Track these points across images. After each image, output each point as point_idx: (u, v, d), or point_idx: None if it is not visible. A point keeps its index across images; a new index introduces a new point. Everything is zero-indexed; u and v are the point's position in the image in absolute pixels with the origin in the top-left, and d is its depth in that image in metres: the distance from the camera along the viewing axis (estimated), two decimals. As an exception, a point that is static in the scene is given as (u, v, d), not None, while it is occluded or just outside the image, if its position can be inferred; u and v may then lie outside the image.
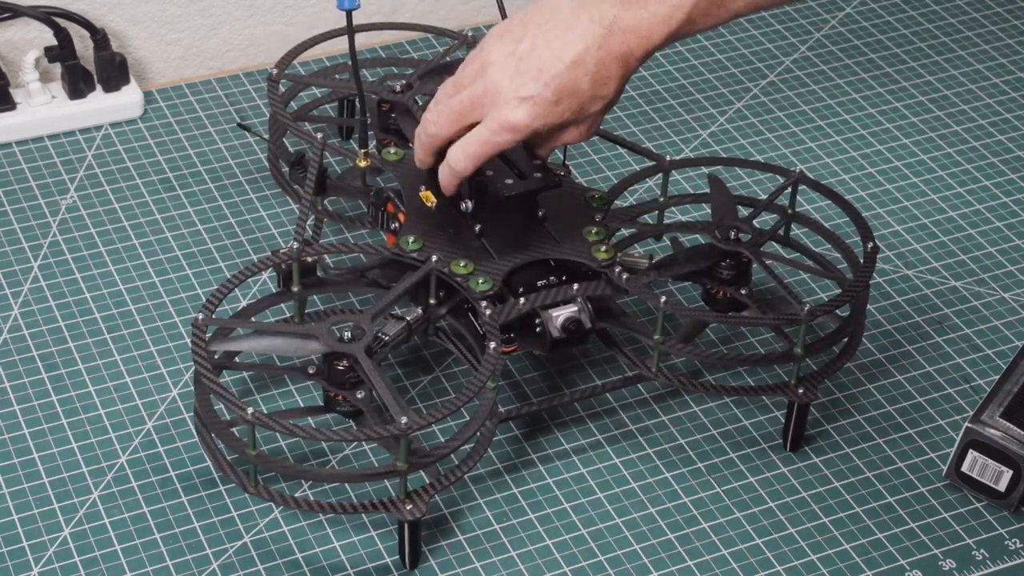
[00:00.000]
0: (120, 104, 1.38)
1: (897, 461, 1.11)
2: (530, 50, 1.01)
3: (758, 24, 1.54)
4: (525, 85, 1.00)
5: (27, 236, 1.26)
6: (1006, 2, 1.59)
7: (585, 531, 1.05)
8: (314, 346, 1.02)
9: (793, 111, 1.43)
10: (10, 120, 1.35)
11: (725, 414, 1.14)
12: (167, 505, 1.06)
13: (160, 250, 1.24)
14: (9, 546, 1.02)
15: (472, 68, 1.04)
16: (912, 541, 1.06)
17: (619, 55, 1.01)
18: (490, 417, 1.02)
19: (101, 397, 1.13)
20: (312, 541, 1.04)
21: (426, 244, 1.08)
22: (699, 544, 1.05)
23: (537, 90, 1.00)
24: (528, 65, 1.01)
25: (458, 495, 1.07)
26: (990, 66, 1.50)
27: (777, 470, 1.10)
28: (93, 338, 1.17)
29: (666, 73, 1.44)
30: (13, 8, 1.34)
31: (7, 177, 1.31)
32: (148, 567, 1.02)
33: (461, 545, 1.04)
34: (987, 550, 1.05)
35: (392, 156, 1.14)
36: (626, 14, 1.00)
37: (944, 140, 1.41)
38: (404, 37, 1.50)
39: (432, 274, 1.05)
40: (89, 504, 1.05)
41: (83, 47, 1.38)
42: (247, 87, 1.42)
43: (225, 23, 1.47)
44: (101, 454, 1.09)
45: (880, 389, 1.17)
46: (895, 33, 1.54)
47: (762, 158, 1.37)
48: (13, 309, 1.19)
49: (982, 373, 1.18)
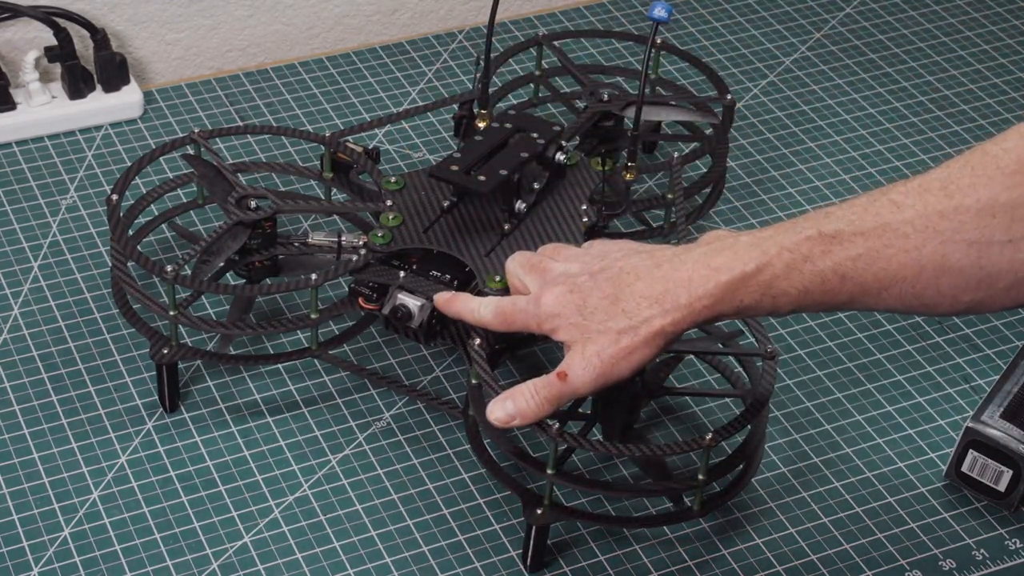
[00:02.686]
0: (120, 104, 1.38)
1: (897, 461, 1.11)
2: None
3: (758, 24, 1.54)
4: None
5: (27, 236, 1.26)
6: (1006, 2, 1.59)
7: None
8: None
9: (793, 111, 1.43)
10: (10, 120, 1.35)
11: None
12: (167, 505, 1.06)
13: (160, 250, 1.24)
14: (9, 546, 1.02)
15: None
16: (912, 541, 1.06)
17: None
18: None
19: (101, 397, 1.13)
20: (312, 541, 1.04)
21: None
22: (699, 544, 1.05)
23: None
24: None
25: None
26: (990, 66, 1.50)
27: (777, 470, 1.10)
28: (93, 338, 1.17)
29: (666, 73, 1.44)
30: (13, 8, 1.34)
31: (7, 177, 1.31)
32: (148, 567, 1.02)
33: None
34: (987, 550, 1.05)
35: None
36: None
37: (944, 140, 1.41)
38: (404, 37, 1.50)
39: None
40: (89, 504, 1.05)
41: (83, 47, 1.38)
42: (247, 87, 1.42)
43: (225, 23, 1.47)
44: (101, 454, 1.09)
45: (880, 389, 1.17)
46: (895, 33, 1.54)
47: (762, 158, 1.37)
48: (13, 309, 1.19)
49: (982, 373, 1.18)
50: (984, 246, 0.84)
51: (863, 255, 0.86)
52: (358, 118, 1.39)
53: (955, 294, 0.86)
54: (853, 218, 0.87)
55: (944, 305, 0.86)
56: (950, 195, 0.85)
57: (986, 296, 0.85)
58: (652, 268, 0.93)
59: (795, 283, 0.88)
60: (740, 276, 0.89)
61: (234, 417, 1.12)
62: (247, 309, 1.13)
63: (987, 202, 0.84)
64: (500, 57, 1.30)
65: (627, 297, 0.93)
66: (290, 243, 1.13)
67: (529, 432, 1.11)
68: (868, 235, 0.86)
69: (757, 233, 0.91)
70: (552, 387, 0.94)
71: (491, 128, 1.14)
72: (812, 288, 0.88)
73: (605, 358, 0.93)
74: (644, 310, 0.92)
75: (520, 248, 1.09)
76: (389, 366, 1.16)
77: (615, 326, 0.92)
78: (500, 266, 1.08)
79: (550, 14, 1.54)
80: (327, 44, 1.52)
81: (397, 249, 1.09)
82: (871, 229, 0.86)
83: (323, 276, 1.07)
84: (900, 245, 0.85)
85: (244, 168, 1.20)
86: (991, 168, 0.84)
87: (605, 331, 0.92)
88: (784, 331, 1.21)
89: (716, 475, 1.01)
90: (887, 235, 0.86)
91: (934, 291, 0.86)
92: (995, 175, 0.84)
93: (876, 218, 0.86)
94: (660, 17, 1.08)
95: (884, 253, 0.86)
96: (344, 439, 1.11)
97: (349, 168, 1.19)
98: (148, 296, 1.07)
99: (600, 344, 0.93)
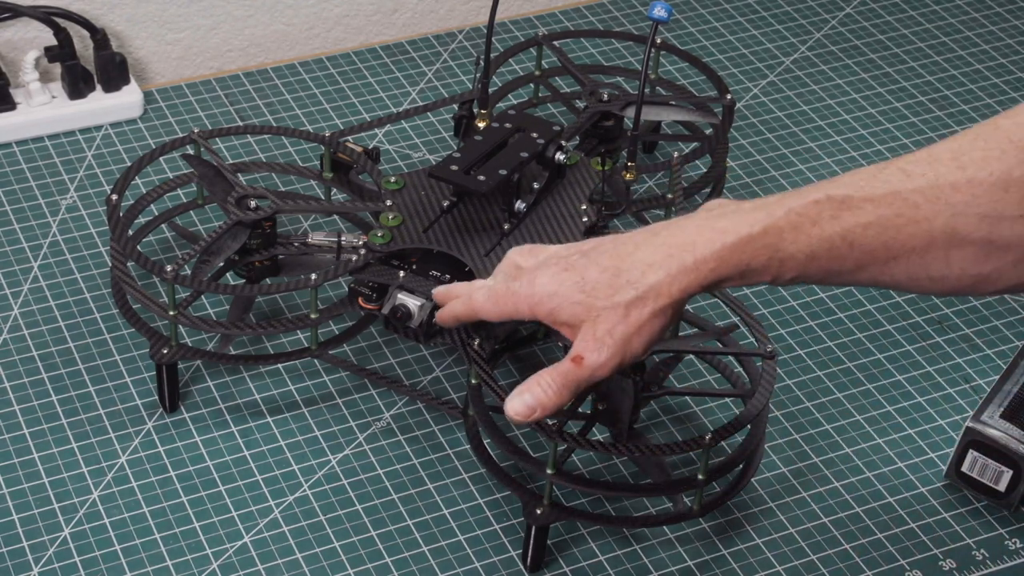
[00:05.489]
0: (120, 104, 1.38)
1: (897, 461, 1.11)
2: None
3: (758, 24, 1.54)
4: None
5: (27, 236, 1.26)
6: (1006, 2, 1.59)
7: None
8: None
9: (793, 111, 1.43)
10: (10, 120, 1.35)
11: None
12: (167, 505, 1.06)
13: (160, 250, 1.24)
14: (9, 546, 1.02)
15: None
16: (912, 541, 1.06)
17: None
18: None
19: (101, 397, 1.13)
20: (312, 541, 1.04)
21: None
22: (699, 544, 1.05)
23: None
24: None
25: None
26: (990, 66, 1.50)
27: (777, 470, 1.10)
28: (93, 338, 1.17)
29: (666, 73, 1.44)
30: (13, 8, 1.34)
31: (7, 177, 1.31)
32: (148, 567, 1.02)
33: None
34: (987, 550, 1.05)
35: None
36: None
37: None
38: (404, 37, 1.50)
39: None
40: (89, 504, 1.05)
41: (83, 47, 1.38)
42: (247, 87, 1.42)
43: (225, 23, 1.47)
44: (101, 454, 1.09)
45: (880, 389, 1.17)
46: (895, 33, 1.54)
47: (762, 158, 1.37)
48: (13, 309, 1.19)
49: (982, 373, 1.18)
50: (996, 220, 0.83)
51: (873, 223, 0.84)
52: (358, 118, 1.39)
53: (963, 267, 0.84)
54: (862, 183, 0.85)
55: (951, 279, 0.85)
56: (962, 167, 0.83)
57: (993, 271, 0.84)
58: (650, 236, 0.90)
59: (802, 246, 0.86)
60: (746, 237, 0.87)
61: (234, 417, 1.12)
62: (247, 309, 1.13)
63: (1001, 176, 0.82)
64: (500, 57, 1.30)
65: (629, 267, 0.89)
66: (290, 243, 1.13)
67: (529, 432, 1.11)
68: (878, 202, 0.84)
69: (762, 199, 0.89)
70: (569, 374, 0.91)
71: (491, 128, 1.14)
72: (819, 253, 0.86)
73: (618, 337, 0.90)
74: (649, 277, 0.89)
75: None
76: (389, 366, 1.16)
77: (622, 299, 0.89)
78: None
79: (550, 14, 1.54)
80: (327, 44, 1.52)
81: (397, 249, 1.09)
82: (881, 196, 0.84)
83: (323, 276, 1.07)
84: (910, 215, 0.84)
85: (244, 168, 1.20)
86: (1004, 141, 0.83)
87: (612, 307, 0.89)
88: (784, 331, 1.21)
89: (716, 475, 1.01)
90: (897, 203, 0.84)
91: (943, 264, 0.84)
92: (1008, 149, 0.82)
93: (886, 185, 0.85)
94: (660, 17, 1.08)
95: (894, 222, 0.84)
96: (344, 439, 1.11)
97: (349, 168, 1.19)
98: (148, 296, 1.07)
99: (610, 321, 0.90)
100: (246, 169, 1.20)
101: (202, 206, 1.21)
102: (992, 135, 0.84)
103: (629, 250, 0.90)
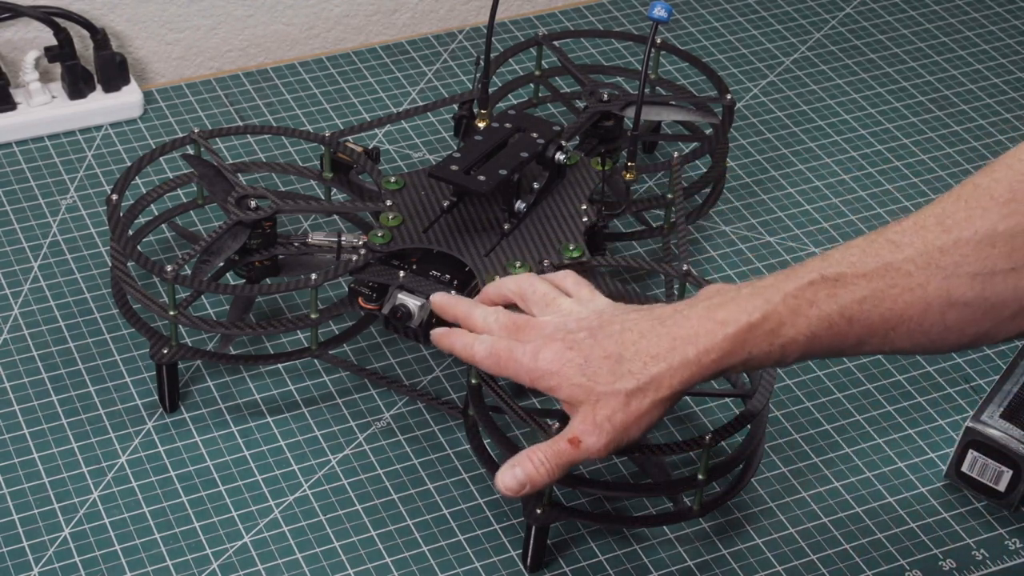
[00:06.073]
0: (120, 104, 1.38)
1: (897, 461, 1.11)
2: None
3: (758, 24, 1.54)
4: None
5: (27, 236, 1.26)
6: (1006, 2, 1.59)
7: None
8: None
9: (793, 111, 1.43)
10: (10, 120, 1.35)
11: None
12: (167, 505, 1.06)
13: (160, 250, 1.24)
14: (9, 546, 1.02)
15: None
16: (912, 541, 1.06)
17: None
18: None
19: (101, 397, 1.13)
20: (312, 541, 1.04)
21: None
22: (699, 544, 1.05)
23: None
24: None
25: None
26: (990, 66, 1.50)
27: (777, 470, 1.10)
28: (93, 338, 1.17)
29: (666, 73, 1.44)
30: (13, 8, 1.34)
31: (7, 177, 1.31)
32: (148, 567, 1.02)
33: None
34: (987, 550, 1.05)
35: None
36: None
37: (944, 140, 1.41)
38: (404, 37, 1.50)
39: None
40: (89, 504, 1.05)
41: (83, 47, 1.38)
42: (247, 87, 1.42)
43: (225, 23, 1.47)
44: (101, 454, 1.09)
45: (880, 389, 1.17)
46: (895, 33, 1.54)
47: (762, 158, 1.37)
48: (13, 309, 1.19)
49: (982, 373, 1.18)
50: (987, 277, 0.84)
51: (868, 297, 0.86)
52: (358, 118, 1.39)
53: (962, 327, 0.85)
54: (854, 260, 0.87)
55: (951, 340, 0.86)
56: (947, 230, 0.85)
57: (992, 326, 0.85)
58: (655, 325, 0.91)
59: (802, 329, 0.87)
60: (746, 326, 0.88)
61: (234, 417, 1.12)
62: (247, 309, 1.13)
63: (986, 233, 0.84)
64: (500, 57, 1.30)
65: (632, 356, 0.91)
66: (290, 243, 1.13)
67: (529, 432, 1.11)
68: (871, 276, 0.86)
69: (757, 283, 0.90)
70: (563, 454, 0.92)
71: (491, 128, 1.14)
72: (819, 333, 0.87)
73: (617, 424, 0.91)
74: (651, 368, 0.90)
75: (519, 248, 1.09)
76: (389, 366, 1.16)
77: (623, 387, 0.90)
78: (500, 266, 1.08)
79: (550, 14, 1.54)
80: (327, 44, 1.52)
81: (397, 249, 1.09)
82: (873, 270, 0.86)
83: (323, 276, 1.07)
84: (904, 284, 0.85)
85: (244, 168, 1.20)
86: (984, 199, 0.84)
87: (613, 393, 0.90)
88: (784, 331, 1.21)
89: (716, 475, 1.01)
90: (890, 275, 0.86)
91: (941, 327, 0.86)
92: (990, 205, 0.84)
93: (877, 259, 0.86)
94: (660, 17, 1.09)
95: (889, 293, 0.85)
96: (344, 439, 1.11)
97: (349, 168, 1.19)
98: (148, 296, 1.07)
99: (610, 408, 0.91)
100: (246, 169, 1.20)
101: (202, 206, 1.21)
102: (972, 194, 0.85)
103: (634, 338, 0.91)
